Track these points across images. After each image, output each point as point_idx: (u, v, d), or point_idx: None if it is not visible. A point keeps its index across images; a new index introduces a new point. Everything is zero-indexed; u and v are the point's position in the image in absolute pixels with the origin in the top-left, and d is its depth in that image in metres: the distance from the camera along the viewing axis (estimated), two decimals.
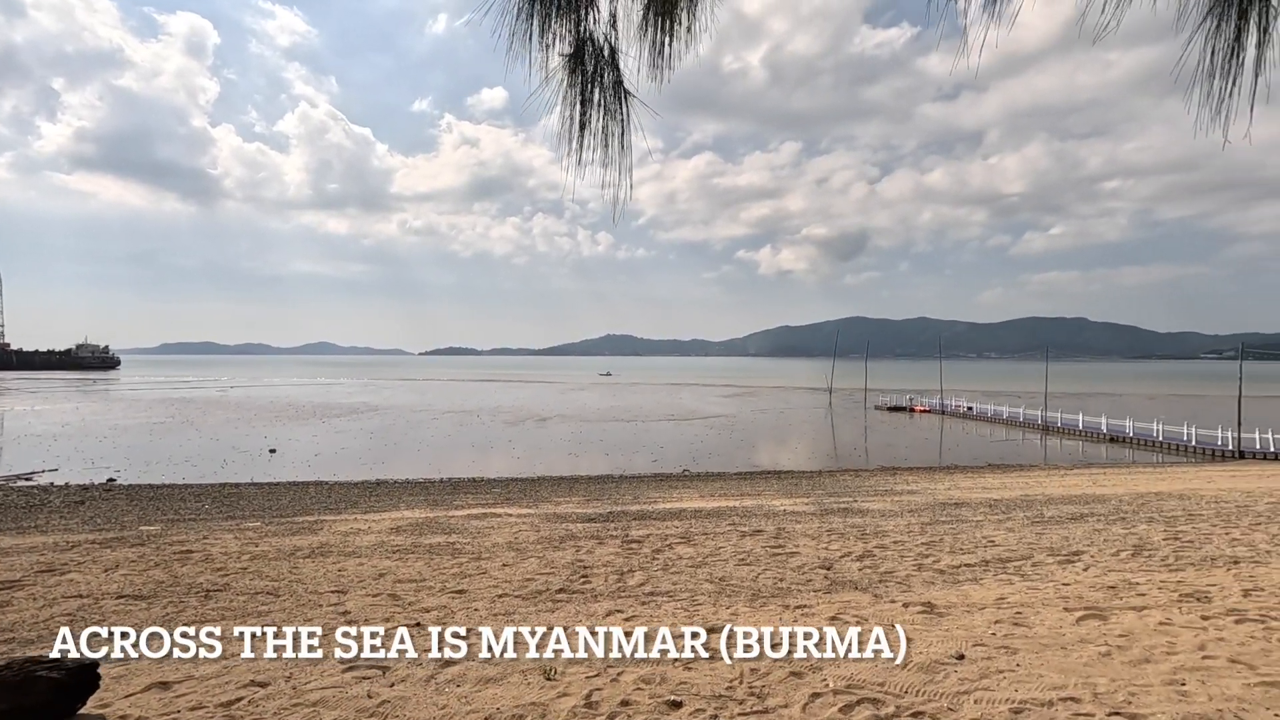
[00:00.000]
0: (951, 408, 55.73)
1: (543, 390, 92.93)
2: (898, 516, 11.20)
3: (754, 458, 33.01)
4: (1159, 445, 35.36)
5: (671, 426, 47.58)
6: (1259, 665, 3.88)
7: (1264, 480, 18.01)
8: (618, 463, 29.70)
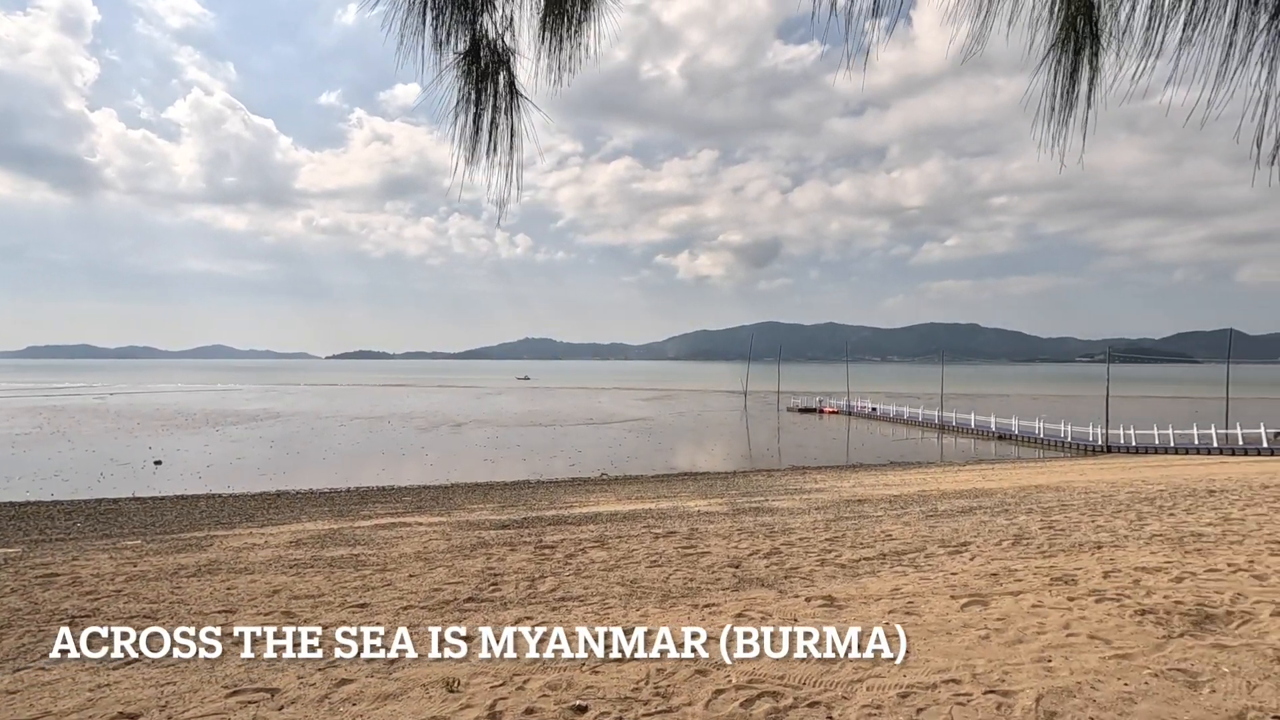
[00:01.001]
0: (857, 409, 58.47)
1: (458, 395, 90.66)
2: (805, 514, 11.62)
3: (672, 460, 33.42)
4: (1040, 442, 38.35)
5: (590, 430, 47.49)
6: (1113, 640, 4.27)
7: (1126, 472, 19.87)
8: (535, 468, 29.36)
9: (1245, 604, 4.96)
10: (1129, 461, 27.13)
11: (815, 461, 32.03)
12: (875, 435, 45.78)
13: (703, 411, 65.58)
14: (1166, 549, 7.12)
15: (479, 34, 2.31)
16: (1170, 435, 32.46)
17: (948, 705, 3.39)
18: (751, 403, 71.01)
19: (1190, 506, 10.28)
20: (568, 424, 51.61)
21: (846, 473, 25.91)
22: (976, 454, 35.62)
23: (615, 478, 25.67)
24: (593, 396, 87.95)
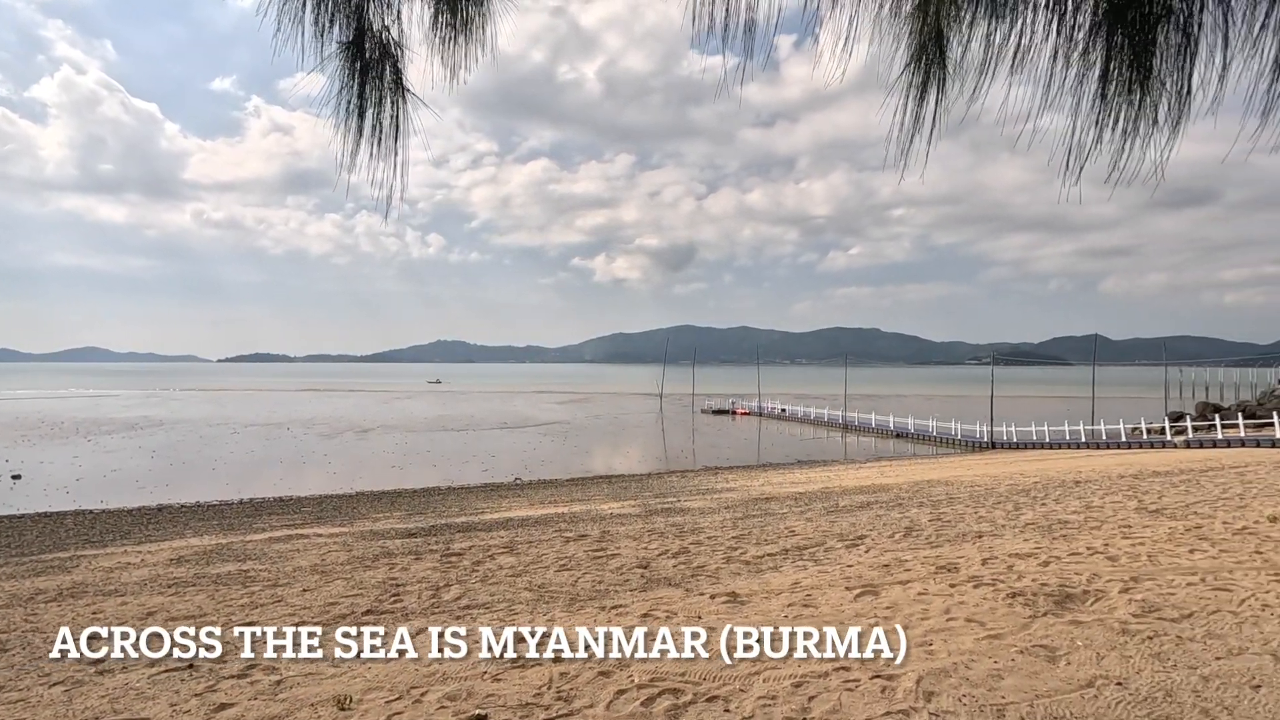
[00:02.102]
0: (768, 410, 60.38)
1: (365, 399, 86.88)
2: (715, 513, 11.88)
3: (587, 463, 33.33)
4: (933, 439, 40.85)
5: (504, 435, 46.69)
6: (987, 622, 4.61)
7: (1007, 466, 21.49)
8: (446, 474, 28.55)
9: (1099, 583, 5.47)
10: (1010, 457, 29.34)
11: (728, 462, 32.77)
12: (784, 435, 47.39)
13: (619, 414, 65.82)
14: (1037, 536, 7.75)
15: (364, 24, 2.23)
16: (1045, 432, 35.37)
17: (837, 691, 3.55)
18: (667, 405, 71.90)
19: (1059, 496, 11.24)
20: (481, 428, 50.51)
21: (756, 472, 26.67)
22: (877, 452, 37.53)
23: (529, 482, 25.35)
24: (508, 400, 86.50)
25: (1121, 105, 1.60)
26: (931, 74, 2.09)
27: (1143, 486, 11.97)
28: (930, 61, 2.10)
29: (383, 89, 2.04)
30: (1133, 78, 1.57)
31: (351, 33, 2.22)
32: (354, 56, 2.09)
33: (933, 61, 2.10)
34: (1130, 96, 1.59)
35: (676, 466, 31.46)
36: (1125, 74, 1.58)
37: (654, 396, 79.96)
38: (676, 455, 36.96)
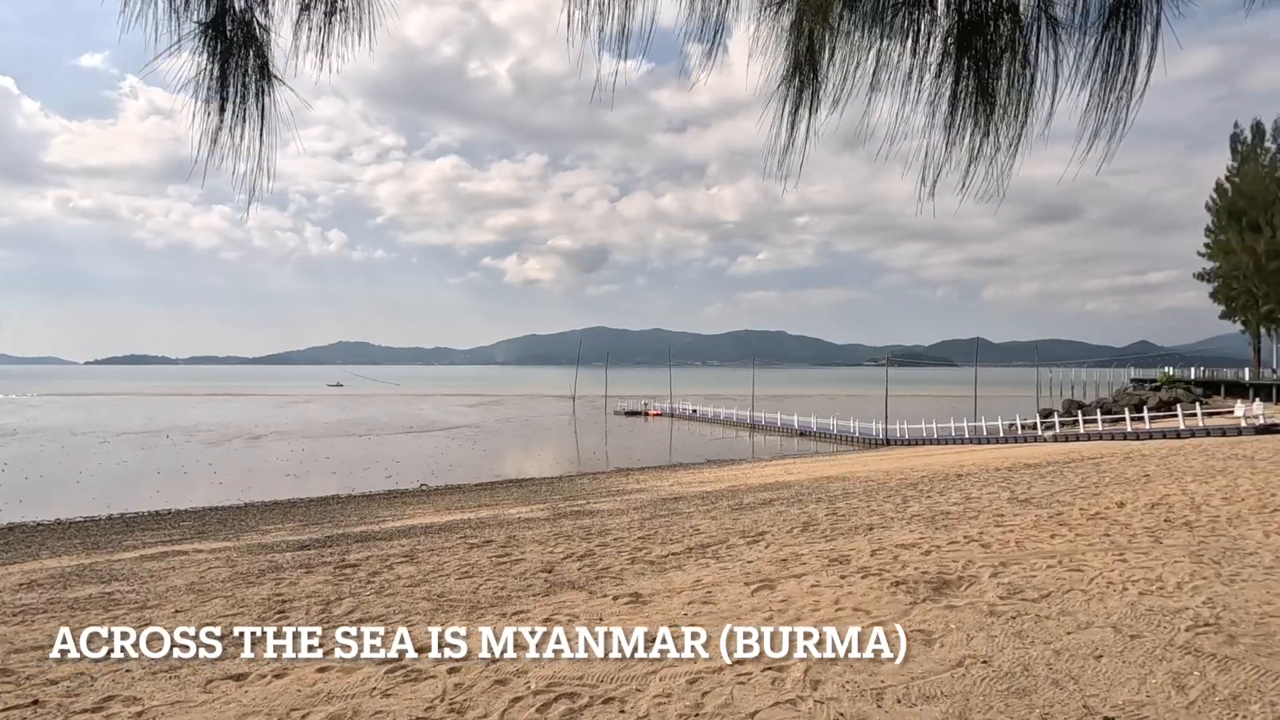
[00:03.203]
0: (680, 411, 61.37)
1: (257, 404, 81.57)
2: (623, 514, 11.93)
3: (497, 467, 32.68)
4: (834, 437, 42.78)
5: (410, 439, 45.08)
6: (872, 610, 4.86)
7: (899, 461, 22.81)
8: (347, 482, 27.23)
9: (973, 569, 5.90)
10: (903, 453, 31.16)
11: (639, 463, 33.01)
12: (695, 435, 48.27)
13: (531, 417, 64.99)
14: (921, 527, 8.26)
15: (226, 4, 2.09)
16: (934, 429, 37.82)
17: (730, 685, 3.64)
18: (580, 407, 71.64)
19: (943, 489, 12.03)
20: (385, 433, 48.54)
21: (667, 472, 27.01)
22: (782, 450, 38.89)
23: (436, 488, 24.58)
24: (414, 403, 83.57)
25: (969, 126, 1.74)
26: (805, 88, 2.18)
27: (1015, 478, 13.00)
28: (804, 76, 2.20)
29: (246, 74, 1.91)
30: (978, 101, 1.72)
31: (212, 12, 2.08)
32: (214, 38, 1.95)
33: (807, 76, 2.19)
34: (976, 118, 1.73)
35: (588, 469, 31.39)
36: (971, 97, 1.72)
37: (567, 399, 79.47)
38: (589, 457, 36.88)
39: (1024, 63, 1.69)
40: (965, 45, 1.69)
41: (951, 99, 1.74)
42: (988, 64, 1.69)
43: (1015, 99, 1.71)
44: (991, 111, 1.72)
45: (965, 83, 1.72)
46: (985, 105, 1.72)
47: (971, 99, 1.73)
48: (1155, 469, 12.95)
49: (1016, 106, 1.72)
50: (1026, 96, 1.71)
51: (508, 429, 53.90)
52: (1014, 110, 1.73)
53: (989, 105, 1.72)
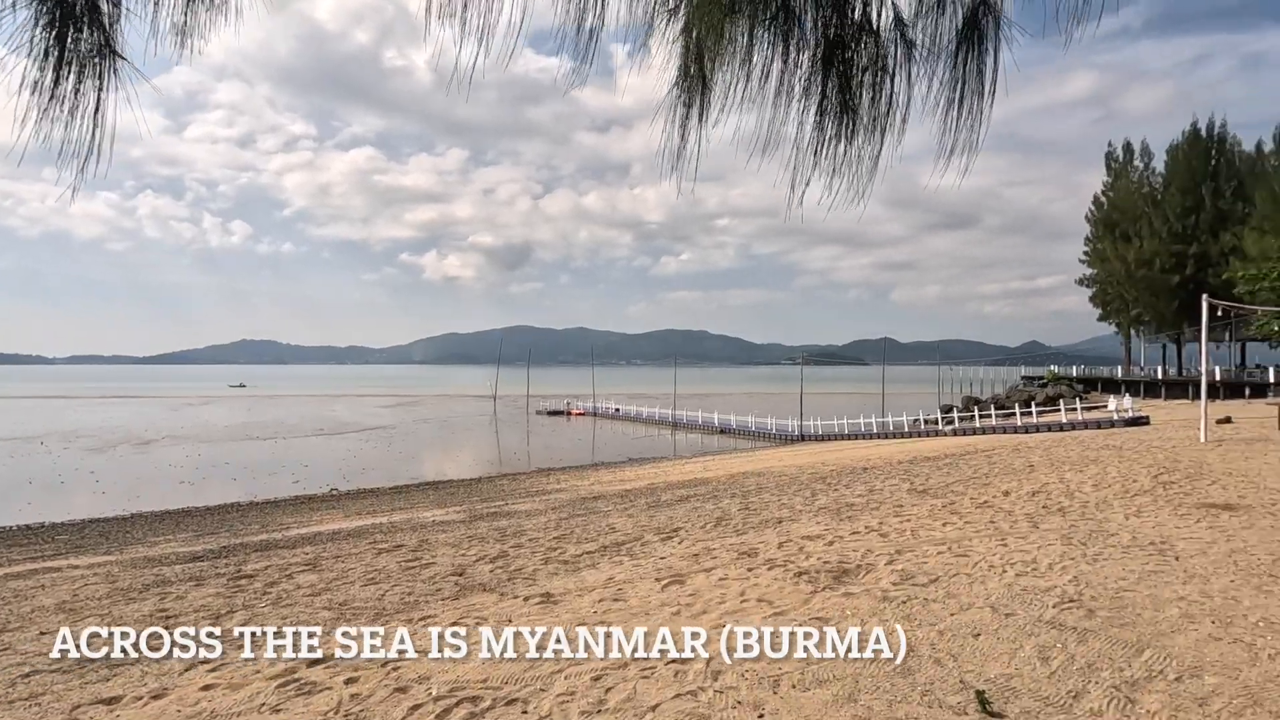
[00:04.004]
0: (603, 410, 61.41)
1: (148, 407, 75.82)
2: (541, 515, 11.84)
3: (414, 469, 31.70)
4: (752, 433, 43.93)
5: (320, 442, 43.09)
6: (775, 600, 5.04)
7: (812, 456, 23.68)
8: (249, 488, 25.71)
9: (871, 558, 6.20)
10: (816, 448, 32.36)
11: (561, 463, 32.81)
12: (618, 434, 48.42)
13: (450, 417, 63.42)
14: (827, 519, 8.62)
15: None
16: (845, 425, 39.48)
17: (634, 680, 3.68)
18: (501, 407, 70.50)
19: (849, 482, 12.58)
20: (293, 436, 46.15)
21: (589, 471, 26.99)
22: (702, 447, 39.57)
23: (347, 493, 23.59)
24: (325, 405, 79.88)
25: (834, 135, 1.84)
26: (694, 93, 2.24)
27: (915, 471, 13.75)
28: (693, 81, 2.25)
29: (83, 47, 1.77)
30: (841, 113, 1.82)
31: None
32: (52, 6, 1.80)
33: (695, 81, 2.25)
34: (840, 129, 1.83)
35: (509, 469, 30.94)
36: (835, 110, 1.82)
37: (488, 398, 78.03)
38: (510, 458, 36.35)
39: (883, 80, 1.81)
40: (830, 62, 1.78)
41: (819, 111, 1.83)
42: (849, 80, 1.80)
43: (875, 112, 1.83)
44: (854, 123, 1.83)
45: (830, 96, 1.82)
46: (848, 117, 1.83)
47: (835, 111, 1.83)
48: (1039, 460, 14.00)
49: (877, 119, 1.84)
50: (886, 110, 1.83)
51: (425, 430, 52.40)
52: (875, 122, 1.84)
53: (851, 117, 1.83)
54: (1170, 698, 3.32)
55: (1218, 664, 3.66)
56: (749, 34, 1.93)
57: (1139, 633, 4.13)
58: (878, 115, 1.82)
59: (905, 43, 1.82)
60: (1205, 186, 49.55)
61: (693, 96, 1.99)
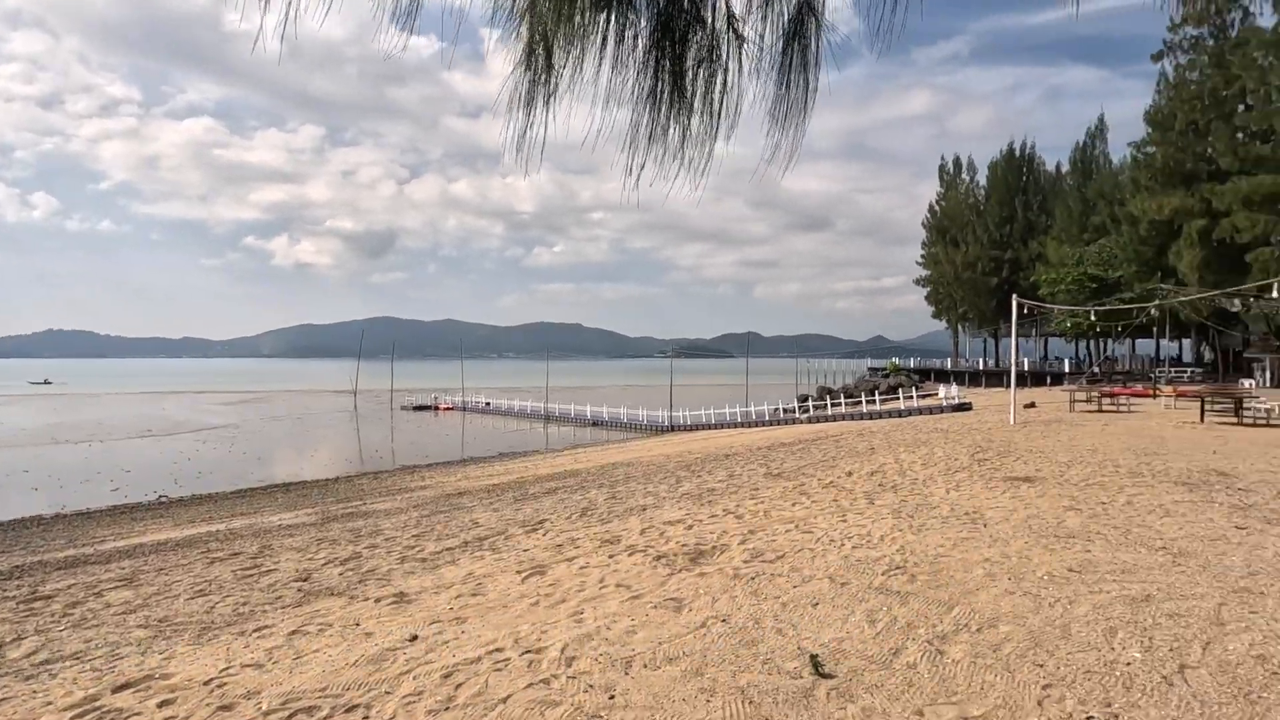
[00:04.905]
0: (473, 405, 59.73)
1: None
2: (402, 513, 11.32)
3: (263, 471, 29.17)
4: (624, 425, 44.58)
5: (147, 445, 38.57)
6: (633, 585, 5.14)
7: (680, 446, 24.41)
8: (56, 498, 22.51)
9: (726, 539, 6.49)
10: (684, 437, 33.40)
11: (428, 459, 31.55)
12: (489, 429, 47.31)
13: (304, 414, 59.01)
14: (689, 504, 8.91)
15: None
16: (712, 414, 41.08)
17: (486, 674, 3.61)
18: (363, 402, 66.57)
19: (712, 469, 13.09)
20: (113, 439, 40.91)
21: (457, 468, 26.17)
22: (575, 440, 39.60)
23: (179, 499, 21.29)
24: (153, 402, 71.52)
25: (668, 121, 1.89)
26: (539, 76, 2.20)
27: (772, 456, 14.57)
28: (538, 63, 2.21)
29: None
30: (674, 100, 1.87)
31: None
32: None
33: (540, 64, 2.21)
34: (673, 114, 1.89)
35: (371, 467, 29.31)
36: (669, 97, 1.87)
37: (347, 394, 73.37)
38: (372, 456, 34.43)
39: (715, 70, 1.87)
40: (662, 50, 1.83)
41: (652, 96, 1.87)
42: (682, 68, 1.85)
43: (708, 101, 1.90)
44: (689, 110, 1.89)
45: (662, 82, 1.86)
46: (681, 104, 1.88)
47: (668, 97, 1.88)
48: (879, 443, 15.30)
49: (709, 107, 1.91)
50: (719, 99, 1.90)
51: (275, 429, 48.39)
52: (708, 110, 1.91)
53: (684, 104, 1.88)
54: (972, 647, 3.74)
55: (1010, 614, 4.18)
56: (588, 13, 1.92)
57: (950, 592, 4.62)
58: (711, 104, 1.89)
59: (736, 36, 1.90)
60: (1018, 199, 56.38)
61: (536, 77, 1.95)
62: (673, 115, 1.90)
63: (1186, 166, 37.92)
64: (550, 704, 3.22)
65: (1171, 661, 3.49)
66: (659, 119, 1.89)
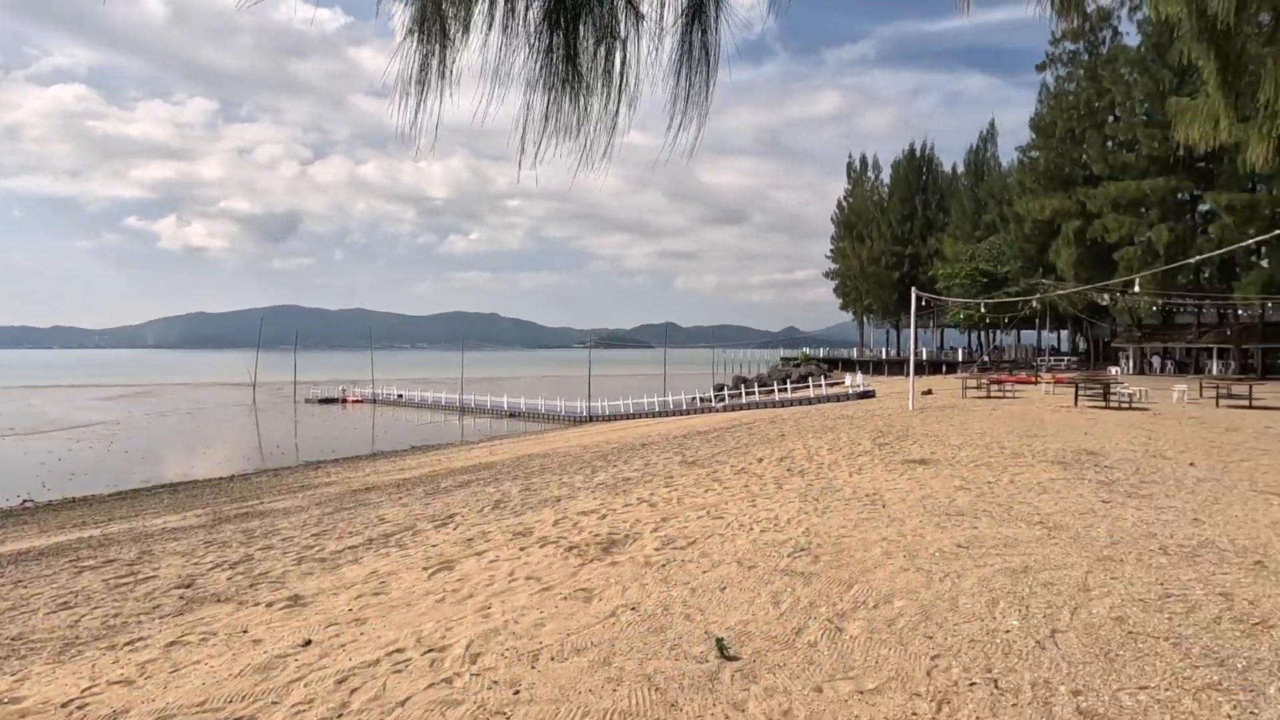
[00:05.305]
0: (384, 397, 57.51)
1: None
2: (302, 512, 10.74)
3: (146, 471, 26.99)
4: (542, 416, 44.13)
5: (10, 445, 34.95)
6: (544, 576, 5.06)
7: (598, 436, 24.40)
8: None
9: (639, 527, 6.51)
10: (602, 428, 33.41)
11: (334, 454, 30.16)
12: (401, 422, 45.71)
13: (196, 409, 55.08)
14: (604, 493, 8.89)
15: None
16: (630, 404, 41.29)
17: (384, 677, 3.45)
18: (263, 395, 62.69)
19: (628, 458, 13.13)
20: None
21: (365, 462, 25.12)
22: (491, 432, 38.85)
23: (48, 504, 19.39)
24: (19, 399, 64.80)
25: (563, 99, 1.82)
26: (431, 48, 2.07)
27: (688, 444, 14.78)
28: (432, 28, 2.08)
29: None
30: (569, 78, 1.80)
31: None
32: None
33: (434, 29, 2.08)
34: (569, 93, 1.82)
35: (271, 464, 27.68)
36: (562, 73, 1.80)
37: (245, 386, 68.94)
38: (272, 452, 32.52)
39: (611, 46, 1.82)
40: (555, 24, 1.75)
41: (546, 72, 1.79)
42: (577, 44, 1.78)
43: (607, 80, 1.84)
44: (587, 89, 1.82)
45: (556, 58, 1.79)
46: (578, 82, 1.81)
47: (562, 74, 1.81)
48: (789, 429, 15.81)
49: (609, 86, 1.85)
50: (619, 77, 1.85)
51: (162, 425, 44.91)
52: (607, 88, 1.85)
53: (581, 82, 1.81)
54: (869, 623, 3.90)
55: (904, 590, 4.39)
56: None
57: (851, 571, 4.81)
58: (611, 82, 1.83)
59: (635, 12, 1.84)
60: (918, 198, 59.56)
61: (430, 49, 1.82)
62: (570, 94, 1.82)
63: (1065, 171, 41.18)
64: (452, 703, 3.11)
65: (1045, 627, 3.76)
66: (557, 97, 1.82)
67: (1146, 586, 4.37)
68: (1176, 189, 36.17)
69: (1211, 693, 3.04)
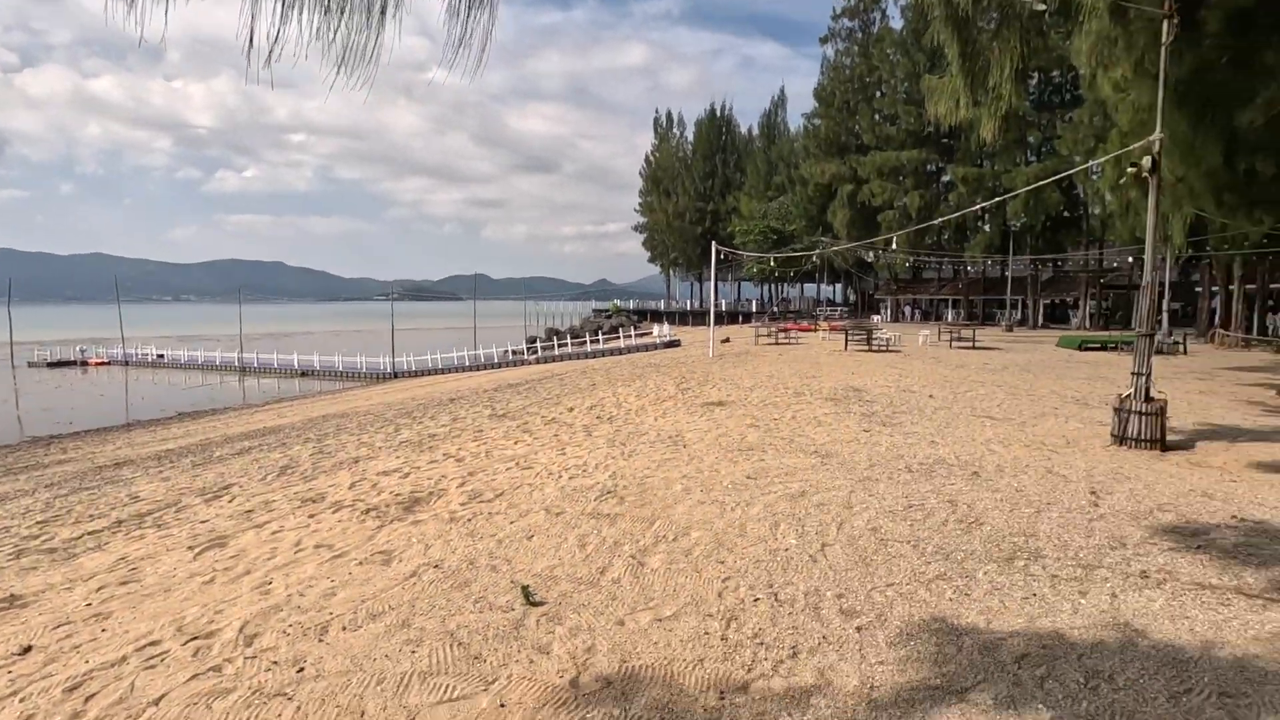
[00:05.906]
0: (138, 357, 49.30)
1: None
2: (25, 496, 8.91)
3: None
4: (340, 374, 40.76)
5: None
6: (336, 543, 4.68)
7: (403, 393, 23.10)
8: None
9: (444, 483, 6.26)
10: (408, 384, 31.71)
11: (72, 427, 25.37)
12: (164, 386, 39.63)
13: None
14: (408, 451, 8.43)
15: None
16: (439, 359, 39.55)
17: (132, 676, 2.97)
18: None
19: (435, 414, 12.58)
20: None
21: (116, 434, 21.48)
22: (280, 393, 35.12)
23: None
24: None
25: None
26: None
27: (499, 397, 14.50)
28: None
29: None
30: None
31: None
32: None
33: None
34: None
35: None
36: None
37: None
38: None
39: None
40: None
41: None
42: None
43: None
44: None
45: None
46: None
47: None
48: (600, 379, 16.15)
49: None
50: None
51: None
52: None
53: None
54: (668, 555, 4.12)
55: (700, 522, 4.70)
56: None
57: (653, 509, 5.04)
58: None
59: None
60: (718, 157, 62.68)
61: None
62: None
63: (841, 139, 45.72)
64: (220, 693, 2.77)
65: (816, 542, 4.23)
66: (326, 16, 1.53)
67: (895, 500, 5.10)
68: (926, 161, 41.89)
69: (939, 582, 3.63)
